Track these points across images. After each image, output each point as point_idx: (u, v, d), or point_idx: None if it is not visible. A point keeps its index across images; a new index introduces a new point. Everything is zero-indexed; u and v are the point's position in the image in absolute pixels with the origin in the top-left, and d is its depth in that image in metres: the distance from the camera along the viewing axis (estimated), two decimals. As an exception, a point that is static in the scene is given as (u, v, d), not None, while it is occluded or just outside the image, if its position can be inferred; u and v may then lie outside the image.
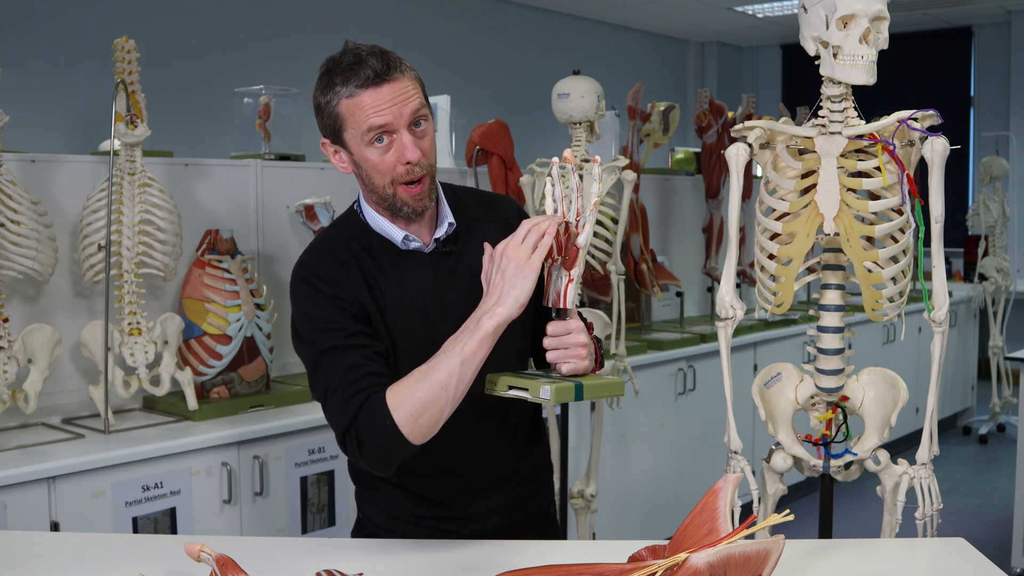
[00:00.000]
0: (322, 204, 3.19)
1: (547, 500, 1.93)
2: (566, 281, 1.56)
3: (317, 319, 1.65)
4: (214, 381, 2.92)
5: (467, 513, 1.79)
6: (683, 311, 4.48)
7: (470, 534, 1.77)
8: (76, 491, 2.42)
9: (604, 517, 3.73)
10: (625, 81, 5.37)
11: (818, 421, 2.12)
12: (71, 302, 2.89)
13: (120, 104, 2.70)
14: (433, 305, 1.71)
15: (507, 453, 1.81)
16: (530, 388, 1.52)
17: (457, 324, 1.66)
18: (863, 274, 1.98)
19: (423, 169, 1.65)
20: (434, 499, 1.78)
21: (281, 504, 2.80)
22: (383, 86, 1.60)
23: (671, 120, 4.22)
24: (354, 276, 1.68)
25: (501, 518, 1.81)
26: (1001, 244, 6.17)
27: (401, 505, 1.79)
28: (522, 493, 1.84)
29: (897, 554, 1.79)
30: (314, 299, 1.66)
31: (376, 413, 1.55)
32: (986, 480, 5.32)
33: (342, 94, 1.61)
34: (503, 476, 1.80)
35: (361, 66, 1.60)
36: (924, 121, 1.94)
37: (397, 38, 6.97)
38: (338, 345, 1.62)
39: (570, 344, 1.58)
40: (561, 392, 1.51)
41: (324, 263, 1.69)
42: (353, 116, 1.62)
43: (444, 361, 1.54)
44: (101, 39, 3.53)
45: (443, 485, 1.77)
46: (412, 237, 1.71)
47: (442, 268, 1.73)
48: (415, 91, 1.64)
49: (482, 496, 1.79)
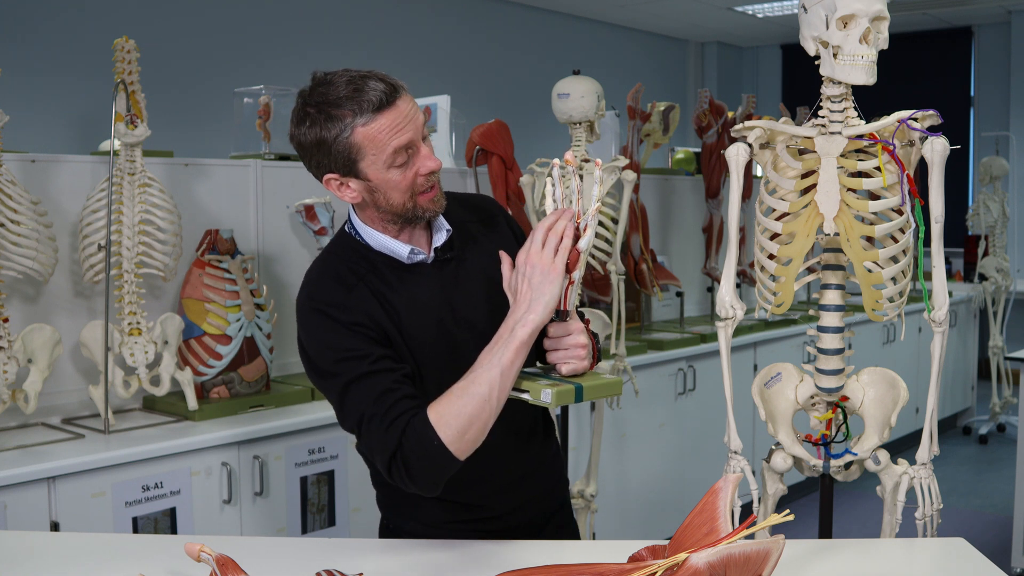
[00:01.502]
0: (322, 204, 3.19)
1: (564, 488, 1.97)
2: (566, 284, 1.57)
3: (338, 348, 1.60)
4: (214, 381, 2.92)
5: (501, 511, 1.81)
6: (683, 311, 4.48)
7: (504, 530, 1.79)
8: (76, 491, 2.42)
9: (604, 517, 3.73)
10: (625, 81, 5.37)
11: (818, 421, 2.12)
12: (71, 302, 2.89)
13: (120, 104, 2.70)
14: (445, 314, 1.71)
15: (529, 448, 1.83)
16: (531, 391, 1.55)
17: (469, 329, 1.69)
18: (863, 274, 1.98)
19: (436, 175, 1.67)
20: (468, 502, 1.79)
21: (281, 504, 2.80)
22: (396, 106, 1.58)
23: (671, 120, 4.22)
24: (366, 298, 1.64)
25: (531, 511, 1.85)
26: (1001, 244, 6.17)
27: (435, 514, 1.79)
28: (546, 484, 1.88)
29: (897, 554, 1.79)
30: (331, 328, 1.61)
31: (421, 434, 1.52)
32: (986, 480, 5.32)
33: (356, 123, 1.56)
34: (530, 470, 1.83)
35: (366, 92, 1.56)
36: (924, 121, 1.94)
37: (397, 38, 6.97)
38: (365, 372, 1.58)
39: (570, 345, 1.60)
40: (562, 395, 1.54)
41: (332, 290, 1.65)
42: (373, 142, 1.57)
43: (484, 374, 1.52)
44: (101, 39, 3.53)
45: (474, 490, 1.78)
46: (417, 250, 1.70)
47: (446, 276, 1.73)
48: (415, 103, 1.64)
49: (513, 492, 1.81)
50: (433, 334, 1.69)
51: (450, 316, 1.71)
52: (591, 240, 1.58)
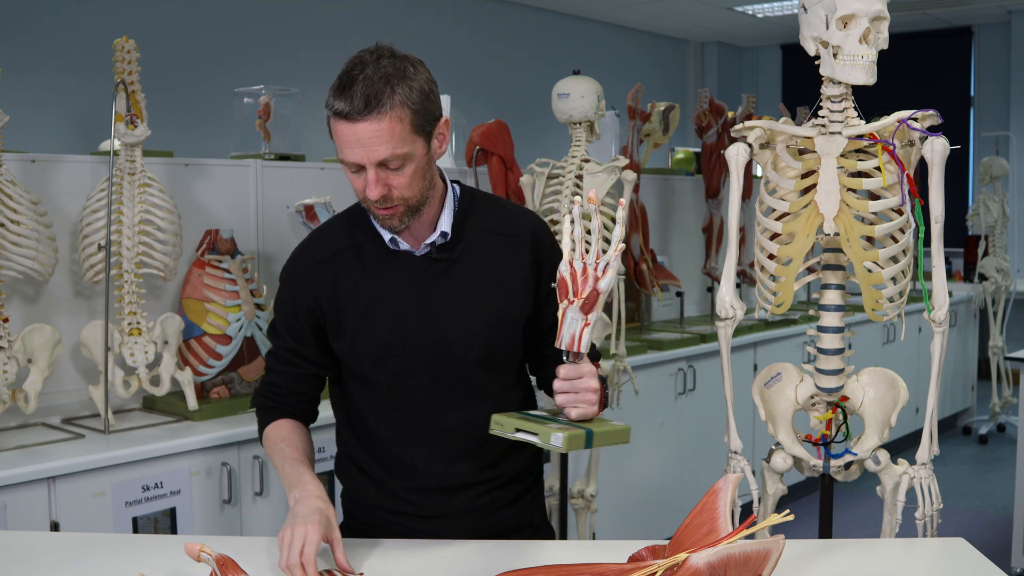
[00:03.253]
0: (322, 204, 3.19)
1: (531, 510, 1.91)
2: (582, 325, 1.51)
3: (282, 314, 1.84)
4: (214, 381, 2.92)
5: (431, 513, 1.80)
6: (683, 311, 4.48)
7: (439, 534, 1.78)
8: (76, 491, 2.42)
9: (604, 517, 3.73)
10: (625, 81, 5.36)
11: (818, 421, 2.12)
12: (71, 302, 2.89)
13: (120, 104, 2.70)
14: (412, 307, 1.73)
15: (471, 463, 1.80)
16: (540, 434, 1.49)
17: (436, 329, 1.72)
18: (863, 274, 1.98)
19: (392, 201, 1.64)
20: (399, 494, 1.81)
21: (281, 504, 2.80)
22: (358, 124, 1.56)
23: (671, 120, 4.22)
24: (325, 276, 1.77)
25: (470, 522, 1.81)
26: (1001, 244, 6.17)
27: (369, 495, 1.85)
28: (491, 500, 1.83)
29: (897, 554, 1.79)
30: (284, 299, 1.83)
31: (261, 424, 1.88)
32: (986, 480, 5.32)
33: (331, 111, 1.60)
34: (466, 483, 1.81)
35: (346, 93, 1.57)
36: (924, 121, 1.94)
37: (397, 38, 6.91)
38: (285, 352, 1.84)
39: (581, 389, 1.56)
40: (573, 440, 1.48)
41: (307, 255, 1.82)
42: (335, 136, 1.62)
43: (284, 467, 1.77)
44: (101, 39, 3.53)
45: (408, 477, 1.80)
46: (399, 239, 1.73)
47: (429, 273, 1.74)
48: (391, 135, 1.57)
49: (445, 497, 1.80)
50: (386, 321, 1.73)
51: (417, 309, 1.73)
52: (612, 281, 1.52)
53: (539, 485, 1.94)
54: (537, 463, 1.93)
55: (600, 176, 3.32)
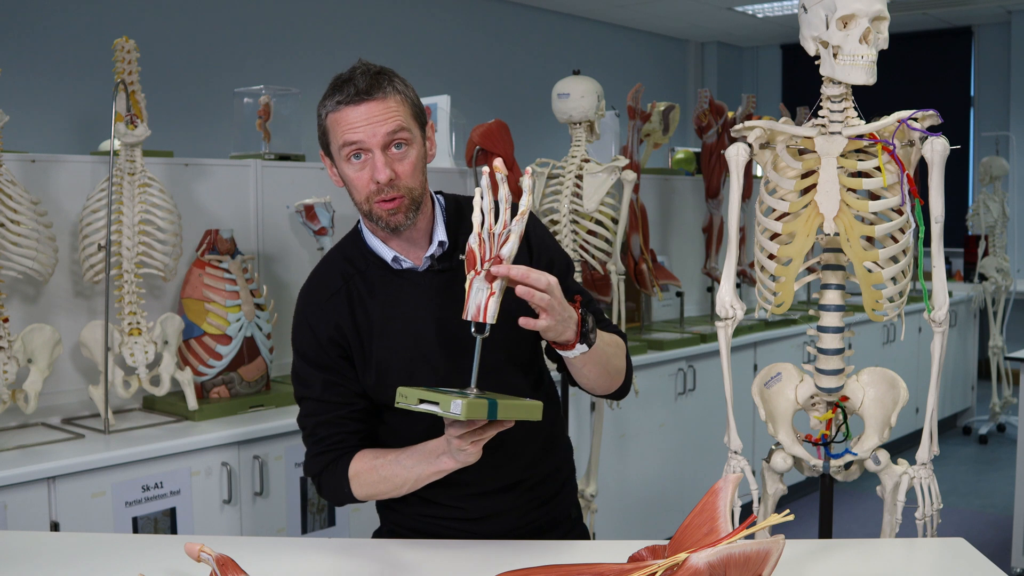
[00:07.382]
0: (322, 204, 3.19)
1: (567, 504, 1.93)
2: (487, 295, 1.47)
3: (307, 360, 1.77)
4: (214, 381, 2.92)
5: (479, 515, 1.80)
6: (683, 311, 4.48)
7: (488, 533, 1.78)
8: (76, 491, 2.42)
9: (604, 517, 3.73)
10: (625, 81, 5.37)
11: (818, 421, 2.12)
12: (71, 302, 2.89)
13: (120, 104, 2.70)
14: (426, 325, 1.73)
15: (516, 463, 1.80)
16: (441, 403, 1.45)
17: (451, 343, 1.70)
18: (863, 274, 1.98)
19: (397, 190, 1.65)
20: (442, 502, 1.80)
21: (281, 504, 2.80)
22: (362, 105, 1.63)
23: (671, 120, 4.22)
24: (339, 306, 1.74)
25: (516, 518, 1.82)
26: (1001, 244, 6.17)
27: (416, 507, 1.82)
28: (537, 495, 1.84)
29: (897, 554, 1.79)
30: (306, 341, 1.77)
31: (338, 478, 1.73)
32: (986, 480, 5.32)
33: (328, 108, 1.66)
34: (513, 483, 1.81)
35: (348, 83, 1.64)
36: (924, 121, 1.94)
37: (397, 38, 6.97)
38: (318, 397, 1.75)
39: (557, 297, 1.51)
40: (473, 408, 1.43)
41: (317, 291, 1.78)
42: (334, 130, 1.66)
43: (403, 473, 1.67)
44: (101, 39, 3.54)
45: (449, 492, 1.78)
46: (402, 257, 1.73)
47: (436, 287, 1.74)
48: (396, 113, 1.64)
49: (492, 499, 1.80)
50: (407, 343, 1.72)
51: (431, 327, 1.72)
52: (514, 248, 1.48)
53: (572, 481, 1.96)
54: (570, 458, 1.94)
55: (600, 176, 3.32)
